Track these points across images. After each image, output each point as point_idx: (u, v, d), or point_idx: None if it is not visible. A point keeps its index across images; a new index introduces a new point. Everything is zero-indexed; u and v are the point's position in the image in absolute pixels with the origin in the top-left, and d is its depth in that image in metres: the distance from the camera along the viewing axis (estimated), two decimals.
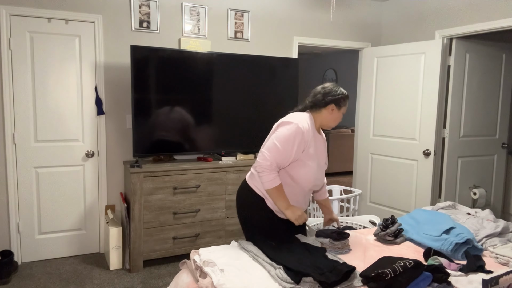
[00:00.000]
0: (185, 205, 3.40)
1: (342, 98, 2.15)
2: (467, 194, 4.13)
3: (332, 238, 2.09)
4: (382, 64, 4.38)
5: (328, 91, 2.15)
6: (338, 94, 2.14)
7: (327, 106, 2.14)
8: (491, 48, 4.07)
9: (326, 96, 2.14)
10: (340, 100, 2.14)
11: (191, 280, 1.87)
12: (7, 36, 3.19)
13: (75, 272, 3.27)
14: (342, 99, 2.14)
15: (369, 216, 3.27)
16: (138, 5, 3.57)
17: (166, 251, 3.37)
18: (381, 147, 4.42)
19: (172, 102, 3.46)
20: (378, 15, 4.71)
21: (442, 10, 3.97)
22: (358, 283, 1.69)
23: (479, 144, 4.16)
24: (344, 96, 2.16)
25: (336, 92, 2.14)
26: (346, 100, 2.17)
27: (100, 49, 3.48)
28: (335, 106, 2.14)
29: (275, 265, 1.77)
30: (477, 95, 4.07)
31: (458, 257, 2.03)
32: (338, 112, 2.16)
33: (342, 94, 2.15)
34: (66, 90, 3.42)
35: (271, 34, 4.17)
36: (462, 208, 2.74)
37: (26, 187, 3.37)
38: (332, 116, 2.16)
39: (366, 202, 4.64)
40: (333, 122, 2.19)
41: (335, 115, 2.16)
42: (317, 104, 2.16)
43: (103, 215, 3.64)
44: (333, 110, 2.15)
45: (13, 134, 3.29)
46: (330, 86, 2.18)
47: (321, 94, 2.16)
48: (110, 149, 3.62)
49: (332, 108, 2.14)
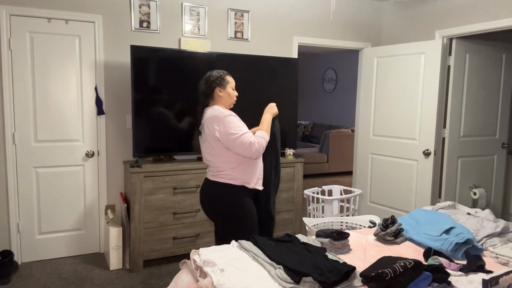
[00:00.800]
0: (185, 205, 3.40)
1: (219, 78, 2.40)
2: (467, 194, 4.13)
3: (332, 238, 2.09)
4: (382, 64, 4.38)
5: (207, 80, 2.42)
6: (213, 77, 2.40)
7: (214, 91, 2.40)
8: (491, 48, 4.07)
9: (207, 84, 2.41)
10: (218, 80, 2.40)
11: (191, 280, 1.87)
12: (7, 36, 3.19)
13: (75, 272, 3.27)
14: (219, 79, 2.40)
15: (369, 216, 3.27)
16: (138, 5, 3.58)
17: (166, 251, 3.37)
18: (381, 147, 4.42)
19: (172, 102, 3.46)
20: (378, 15, 4.71)
21: (442, 10, 3.97)
22: (358, 283, 1.69)
23: (479, 144, 4.16)
24: (220, 75, 2.41)
25: (211, 77, 2.41)
26: (224, 77, 2.42)
27: (100, 49, 3.49)
28: (218, 88, 2.40)
29: (275, 265, 1.77)
30: (477, 95, 4.07)
31: (458, 257, 2.03)
32: (225, 90, 2.42)
33: (216, 75, 2.41)
34: (66, 90, 3.42)
35: (271, 34, 4.17)
36: (462, 208, 2.74)
37: (26, 187, 3.37)
38: (225, 96, 2.42)
39: (366, 202, 4.64)
40: (230, 100, 2.46)
41: (225, 93, 2.42)
42: (207, 95, 2.42)
43: (103, 215, 3.64)
44: (220, 91, 2.41)
45: (13, 134, 3.29)
46: (206, 76, 2.44)
47: (204, 85, 2.42)
48: (110, 149, 3.62)
49: (218, 90, 2.40)
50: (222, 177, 2.39)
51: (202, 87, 2.43)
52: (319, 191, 3.92)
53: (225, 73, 2.44)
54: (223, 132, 2.29)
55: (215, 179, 2.41)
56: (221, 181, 2.39)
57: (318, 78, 9.75)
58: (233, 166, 2.36)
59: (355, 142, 4.79)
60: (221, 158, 2.37)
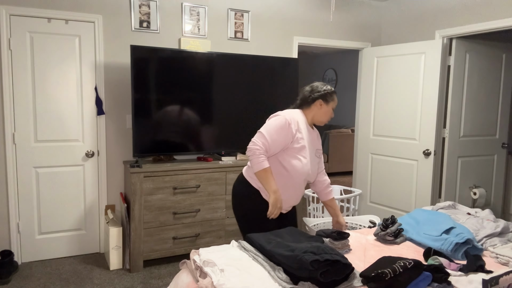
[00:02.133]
0: (185, 205, 3.40)
1: (329, 94, 2.30)
2: (467, 194, 4.13)
3: (332, 238, 2.09)
4: (382, 64, 4.38)
5: (314, 88, 2.32)
6: (324, 90, 2.30)
7: (315, 102, 2.29)
8: (491, 48, 4.07)
9: (313, 93, 2.30)
10: (327, 95, 2.30)
11: (191, 280, 1.87)
12: (7, 36, 3.19)
13: (75, 272, 3.27)
14: (328, 94, 2.30)
15: (369, 216, 3.27)
16: (138, 5, 3.57)
17: (166, 251, 3.37)
18: (381, 147, 4.42)
19: (172, 102, 3.46)
20: (378, 15, 4.71)
21: (442, 10, 3.97)
22: (358, 283, 1.69)
23: (479, 144, 4.16)
24: (330, 91, 2.31)
25: (322, 88, 2.31)
26: (332, 95, 2.32)
27: (100, 49, 3.48)
28: (322, 101, 2.29)
29: (275, 265, 1.77)
30: (477, 95, 4.07)
31: (458, 257, 2.03)
32: (326, 107, 2.30)
33: (328, 90, 2.31)
34: (66, 90, 3.42)
35: (271, 34, 4.17)
36: (462, 208, 2.74)
37: (26, 187, 3.37)
38: (321, 111, 2.31)
39: (366, 202, 4.64)
40: (324, 117, 2.33)
41: (324, 110, 2.30)
42: (305, 101, 2.32)
43: (103, 215, 3.64)
44: (321, 105, 2.29)
45: (13, 134, 3.29)
46: (317, 84, 2.34)
47: (308, 91, 2.33)
48: (110, 149, 3.62)
49: (320, 103, 2.29)
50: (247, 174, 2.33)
51: (306, 91, 2.34)
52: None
53: (334, 91, 2.35)
54: (265, 124, 2.24)
55: (244, 172, 2.37)
56: (245, 177, 2.34)
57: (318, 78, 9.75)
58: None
59: (355, 142, 4.79)
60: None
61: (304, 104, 2.33)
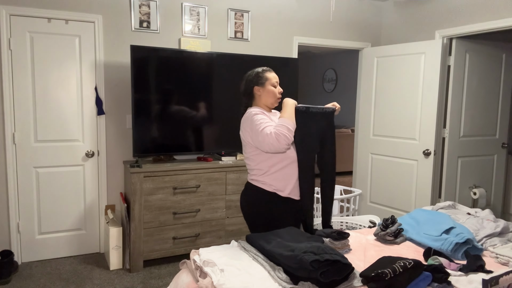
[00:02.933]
0: (185, 205, 3.40)
1: (256, 76, 2.26)
2: (467, 194, 4.13)
3: (332, 238, 2.09)
4: (382, 64, 4.38)
5: (244, 79, 2.30)
6: (250, 77, 2.27)
7: (253, 91, 2.26)
8: (491, 48, 4.07)
9: (244, 86, 2.29)
10: (256, 79, 2.26)
11: (191, 280, 1.87)
12: (7, 36, 3.19)
13: (75, 272, 3.27)
14: (256, 77, 2.26)
15: (369, 216, 3.27)
16: (138, 5, 3.57)
17: (166, 251, 3.37)
18: (381, 147, 4.42)
19: (172, 102, 3.46)
20: (378, 15, 4.71)
21: (442, 10, 3.97)
22: (358, 283, 1.69)
23: (479, 144, 4.16)
24: (257, 73, 2.26)
25: (249, 76, 2.28)
26: (263, 74, 2.26)
27: (100, 49, 3.48)
28: (257, 87, 2.25)
29: (275, 265, 1.77)
30: (477, 95, 4.07)
31: (458, 257, 2.03)
32: (264, 89, 2.26)
33: (253, 73, 2.27)
34: (66, 90, 3.42)
35: (271, 34, 4.17)
36: (462, 208, 2.74)
37: (26, 187, 3.37)
38: (264, 95, 2.26)
39: (366, 202, 4.64)
40: (271, 98, 2.28)
41: (264, 92, 2.26)
42: (247, 95, 2.29)
43: (103, 215, 3.64)
44: (259, 90, 2.26)
45: (13, 134, 3.29)
46: (244, 78, 2.31)
47: (242, 89, 2.30)
48: (110, 149, 3.62)
49: (256, 90, 2.26)
50: (256, 180, 2.25)
51: (241, 87, 2.31)
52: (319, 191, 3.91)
53: (264, 69, 2.28)
54: (251, 131, 2.15)
55: (251, 181, 2.29)
56: (254, 184, 2.26)
57: (318, 78, 9.75)
58: (264, 170, 2.21)
59: (355, 142, 4.79)
60: (253, 162, 2.24)
61: (248, 100, 2.30)
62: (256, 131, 2.12)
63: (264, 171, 2.21)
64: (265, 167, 2.21)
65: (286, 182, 2.21)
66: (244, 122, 2.21)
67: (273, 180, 2.20)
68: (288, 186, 2.22)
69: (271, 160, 2.20)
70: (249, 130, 2.17)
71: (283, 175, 2.21)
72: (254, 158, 2.22)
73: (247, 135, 2.20)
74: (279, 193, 2.21)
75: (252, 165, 2.26)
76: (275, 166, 2.20)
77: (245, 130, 2.21)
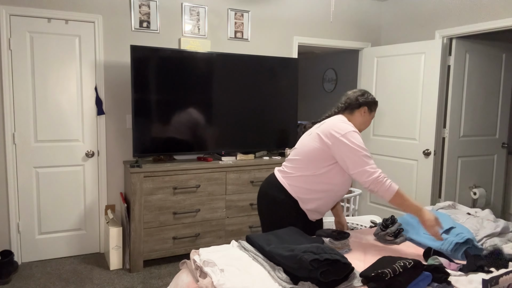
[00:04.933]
0: (185, 205, 3.40)
1: (374, 103, 2.25)
2: (467, 194, 4.13)
3: (332, 238, 2.09)
4: (382, 64, 4.38)
5: (361, 94, 2.24)
6: (370, 98, 2.24)
7: (360, 108, 2.22)
8: (491, 48, 4.07)
9: (359, 99, 2.22)
10: (372, 104, 2.24)
11: (191, 280, 1.87)
12: (7, 36, 3.19)
13: (75, 272, 3.27)
14: (373, 103, 2.25)
15: (369, 216, 3.27)
16: (138, 5, 3.57)
17: (166, 251, 3.37)
18: (381, 147, 4.42)
19: (172, 102, 3.46)
20: (378, 15, 4.71)
21: (442, 10, 3.97)
22: (358, 283, 1.68)
23: (479, 144, 4.16)
24: (376, 101, 2.27)
25: (369, 96, 2.25)
26: (376, 105, 2.27)
27: (100, 49, 3.48)
28: (367, 108, 2.23)
29: (274, 265, 1.77)
30: (477, 95, 4.07)
31: (458, 257, 2.03)
32: (369, 115, 2.25)
33: (373, 98, 2.26)
34: (66, 90, 3.42)
35: (271, 34, 4.17)
36: (462, 208, 2.74)
37: (26, 187, 3.37)
38: (363, 119, 2.24)
39: (366, 202, 4.64)
40: (364, 125, 2.26)
41: (365, 117, 2.24)
42: (351, 105, 2.23)
43: (103, 215, 3.64)
44: (364, 112, 2.23)
45: (13, 134, 3.29)
46: (363, 91, 2.27)
47: (354, 96, 2.24)
48: (110, 149, 3.62)
49: (364, 110, 2.22)
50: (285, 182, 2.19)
51: (351, 97, 2.23)
52: None
53: (377, 101, 2.28)
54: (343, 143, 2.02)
55: (280, 178, 2.23)
56: (282, 183, 2.20)
57: (318, 78, 9.75)
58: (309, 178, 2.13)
59: None
60: (306, 166, 2.14)
61: (348, 108, 2.22)
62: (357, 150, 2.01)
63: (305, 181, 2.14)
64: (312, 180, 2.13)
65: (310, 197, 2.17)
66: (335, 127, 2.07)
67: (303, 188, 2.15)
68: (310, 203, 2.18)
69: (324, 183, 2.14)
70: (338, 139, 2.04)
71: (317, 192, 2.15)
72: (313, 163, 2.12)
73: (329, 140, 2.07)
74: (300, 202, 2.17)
75: (299, 164, 2.16)
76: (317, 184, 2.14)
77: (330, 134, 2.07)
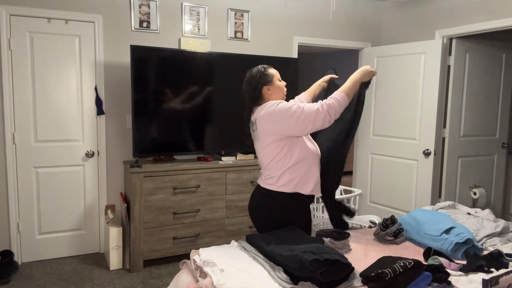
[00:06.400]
0: (185, 205, 3.40)
1: (262, 75, 2.09)
2: (467, 194, 4.13)
3: (332, 238, 2.09)
4: (382, 64, 4.38)
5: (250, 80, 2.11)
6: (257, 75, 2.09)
7: (262, 91, 2.09)
8: (491, 48, 4.07)
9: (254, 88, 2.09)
10: (264, 78, 2.08)
11: (191, 280, 1.87)
12: (7, 36, 3.19)
13: (75, 272, 3.27)
14: (262, 75, 2.08)
15: (369, 216, 3.27)
16: (138, 5, 3.57)
17: (166, 251, 3.37)
18: (381, 147, 4.42)
19: (172, 102, 3.46)
20: (378, 15, 4.71)
21: (442, 10, 3.97)
22: (358, 283, 1.69)
23: (479, 144, 4.16)
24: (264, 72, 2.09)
25: (256, 76, 2.09)
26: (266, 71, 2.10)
27: (100, 49, 3.48)
28: (266, 86, 2.09)
29: (275, 265, 1.77)
30: (477, 95, 4.07)
31: (458, 257, 2.03)
32: (273, 86, 2.10)
33: (260, 73, 2.09)
34: (66, 90, 3.42)
35: (271, 34, 4.17)
36: (462, 208, 2.74)
37: (26, 187, 3.37)
38: (275, 92, 2.11)
39: (366, 202, 4.64)
40: (281, 93, 2.14)
41: (275, 90, 2.11)
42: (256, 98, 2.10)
43: (103, 215, 3.64)
44: (269, 89, 2.10)
45: (13, 134, 3.29)
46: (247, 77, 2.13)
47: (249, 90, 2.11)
48: (110, 149, 3.62)
49: (267, 89, 2.09)
50: (272, 184, 2.08)
51: (247, 91, 2.11)
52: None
53: (265, 67, 2.11)
54: (280, 116, 1.95)
55: (265, 185, 2.12)
56: (271, 189, 2.09)
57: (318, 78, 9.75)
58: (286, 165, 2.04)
59: (355, 142, 4.78)
60: (272, 155, 2.05)
61: (254, 104, 2.11)
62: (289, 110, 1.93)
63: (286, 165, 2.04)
64: (288, 160, 2.04)
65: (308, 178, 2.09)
66: (266, 113, 2.00)
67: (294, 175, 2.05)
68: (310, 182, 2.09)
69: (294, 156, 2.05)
70: (275, 116, 1.97)
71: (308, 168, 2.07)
72: (275, 149, 2.04)
73: (269, 124, 2.00)
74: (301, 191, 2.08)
75: (268, 160, 2.08)
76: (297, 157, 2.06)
77: (266, 120, 2.00)
